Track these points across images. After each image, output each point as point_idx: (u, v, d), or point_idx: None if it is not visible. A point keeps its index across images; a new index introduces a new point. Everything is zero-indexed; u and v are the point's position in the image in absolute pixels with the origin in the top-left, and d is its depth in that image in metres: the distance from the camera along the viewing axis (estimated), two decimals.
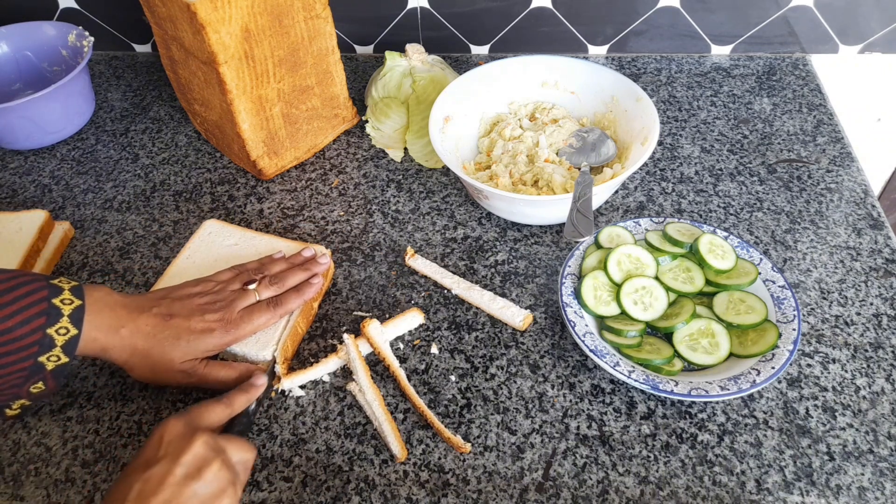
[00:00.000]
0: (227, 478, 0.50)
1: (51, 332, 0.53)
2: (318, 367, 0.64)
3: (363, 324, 0.65)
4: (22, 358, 0.52)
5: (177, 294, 0.62)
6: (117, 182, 0.87)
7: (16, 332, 0.51)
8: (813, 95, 0.92)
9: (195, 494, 0.48)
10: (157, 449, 0.49)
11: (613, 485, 0.56)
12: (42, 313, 0.52)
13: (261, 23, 0.73)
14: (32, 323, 0.52)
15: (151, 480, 0.47)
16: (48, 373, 0.54)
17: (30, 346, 0.52)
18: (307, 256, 0.69)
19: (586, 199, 0.67)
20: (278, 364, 0.63)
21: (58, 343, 0.53)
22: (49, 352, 0.53)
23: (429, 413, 0.60)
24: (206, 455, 0.50)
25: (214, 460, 0.50)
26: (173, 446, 0.49)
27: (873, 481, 0.55)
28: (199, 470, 0.49)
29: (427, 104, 0.84)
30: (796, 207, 0.77)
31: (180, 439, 0.50)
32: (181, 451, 0.49)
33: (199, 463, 0.49)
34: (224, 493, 0.49)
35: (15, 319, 0.51)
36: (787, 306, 0.62)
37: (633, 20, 0.96)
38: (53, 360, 0.53)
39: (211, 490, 0.49)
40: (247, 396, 0.58)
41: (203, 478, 0.48)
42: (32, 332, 0.52)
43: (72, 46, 0.95)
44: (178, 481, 0.48)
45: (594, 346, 0.60)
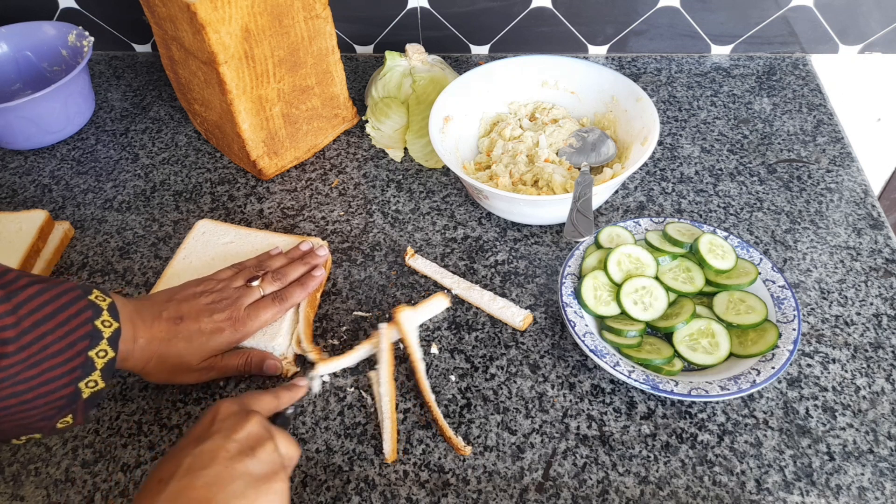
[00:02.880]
0: (279, 461, 0.48)
1: (92, 354, 0.50)
2: (351, 355, 0.64)
3: (395, 310, 0.65)
4: (63, 384, 0.48)
5: (182, 295, 0.62)
6: (117, 182, 0.87)
7: (63, 355, 0.48)
8: (813, 95, 0.92)
9: (248, 472, 0.45)
10: (209, 426, 0.47)
11: (613, 485, 0.56)
12: (86, 336, 0.49)
13: (261, 23, 0.73)
14: (77, 346, 0.49)
15: (203, 454, 0.45)
16: (82, 402, 0.51)
17: (73, 371, 0.49)
18: (305, 249, 0.70)
19: (586, 199, 0.67)
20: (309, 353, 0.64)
21: (97, 366, 0.50)
22: (89, 376, 0.50)
23: (435, 409, 0.60)
24: (260, 434, 0.48)
25: (269, 441, 0.48)
26: (228, 423, 0.47)
27: (873, 481, 0.55)
28: (252, 448, 0.46)
29: (427, 104, 0.84)
30: (796, 207, 0.77)
31: (235, 417, 0.48)
32: (235, 428, 0.47)
33: (253, 441, 0.47)
34: (276, 476, 0.46)
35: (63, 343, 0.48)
36: (787, 306, 0.62)
37: (633, 20, 0.96)
38: (91, 387, 0.50)
39: (263, 470, 0.46)
40: (290, 394, 0.57)
41: (257, 456, 0.46)
42: (77, 356, 0.49)
43: (72, 46, 0.95)
44: (231, 456, 0.45)
45: (594, 346, 0.60)
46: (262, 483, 0.45)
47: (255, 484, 0.45)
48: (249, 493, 0.44)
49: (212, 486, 0.43)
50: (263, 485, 0.45)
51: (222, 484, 0.44)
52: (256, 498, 0.44)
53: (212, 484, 0.43)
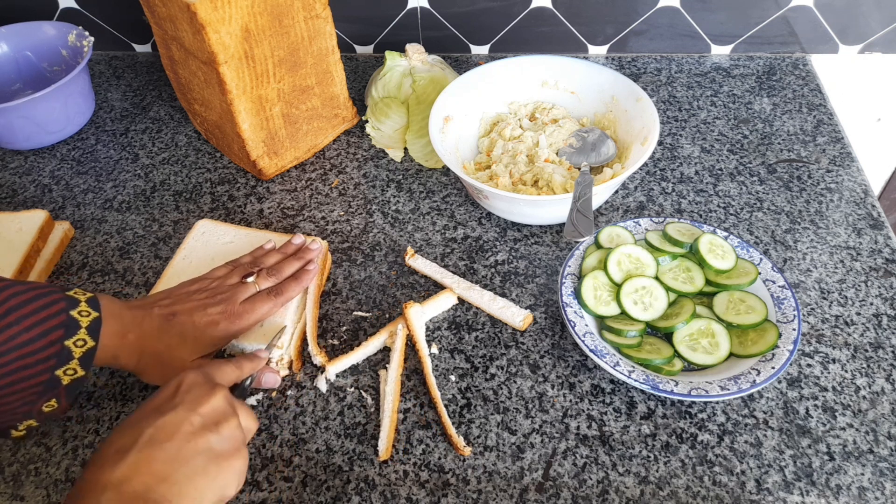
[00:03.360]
0: (241, 438, 0.48)
1: (68, 344, 0.51)
2: (358, 352, 0.64)
3: (405, 305, 0.65)
4: (38, 372, 0.50)
5: (177, 293, 0.62)
6: (117, 182, 0.87)
7: (35, 344, 0.49)
8: (813, 95, 0.92)
9: (210, 448, 0.45)
10: (172, 396, 0.47)
11: (613, 485, 0.56)
12: (61, 325, 0.51)
13: (261, 23, 0.73)
14: (51, 335, 0.50)
15: (166, 427, 0.44)
16: (63, 388, 0.52)
17: (48, 360, 0.50)
18: (298, 244, 0.70)
19: (586, 199, 0.67)
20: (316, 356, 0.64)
21: (75, 355, 0.51)
22: (66, 365, 0.51)
23: (441, 405, 0.60)
24: (224, 410, 0.48)
25: (232, 417, 0.48)
26: (192, 395, 0.47)
27: (873, 481, 0.55)
28: (216, 423, 0.46)
29: (427, 104, 0.84)
30: (796, 207, 0.77)
31: (199, 389, 0.48)
32: (200, 401, 0.47)
33: (218, 416, 0.47)
34: (238, 453, 0.47)
35: (34, 332, 0.49)
36: (787, 306, 0.62)
37: (633, 20, 0.96)
38: (70, 374, 0.52)
39: (225, 447, 0.46)
40: (252, 364, 0.58)
41: (219, 432, 0.46)
42: (51, 345, 0.50)
43: (72, 46, 0.95)
44: (194, 431, 0.45)
45: (594, 346, 0.60)
46: (223, 460, 0.45)
47: (216, 460, 0.45)
48: (210, 469, 0.44)
49: (173, 461, 0.43)
50: (225, 461, 0.45)
51: (184, 459, 0.44)
52: (217, 475, 0.45)
53: (173, 459, 0.43)
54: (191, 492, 0.43)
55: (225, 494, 0.46)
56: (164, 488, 0.42)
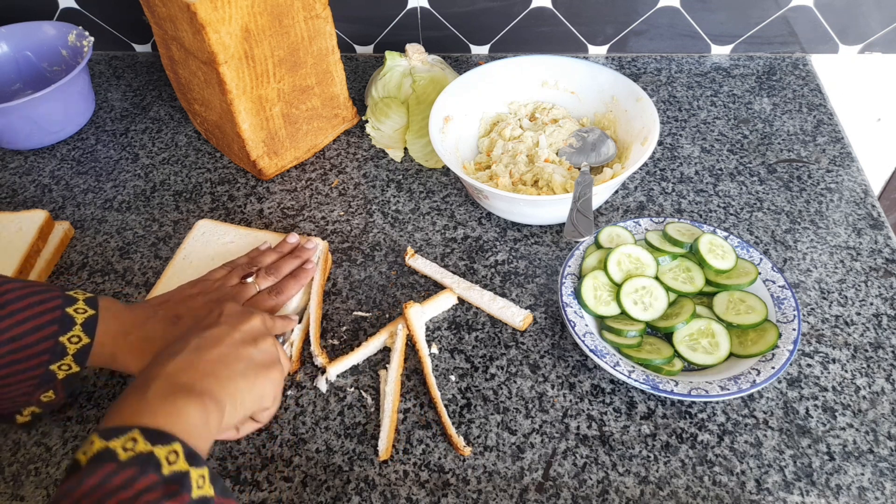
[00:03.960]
0: (277, 355, 0.53)
1: (63, 340, 0.52)
2: (359, 352, 0.65)
3: (405, 305, 0.65)
4: (32, 366, 0.51)
5: (177, 297, 0.62)
6: (117, 182, 0.87)
7: (27, 338, 0.51)
8: (813, 95, 0.92)
9: (250, 357, 0.50)
10: (216, 318, 0.52)
11: (613, 485, 0.56)
12: (54, 321, 0.52)
13: (261, 23, 0.73)
14: (44, 330, 0.51)
15: (210, 337, 0.49)
16: (58, 382, 0.53)
17: (41, 354, 0.51)
18: (293, 243, 0.71)
19: (586, 199, 0.67)
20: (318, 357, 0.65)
21: (69, 351, 0.52)
22: (60, 360, 0.52)
23: (441, 405, 0.60)
24: (262, 328, 0.53)
25: (269, 336, 0.53)
26: (233, 318, 0.52)
27: (873, 481, 0.55)
28: (254, 339, 0.51)
29: (427, 104, 0.84)
30: (796, 207, 0.77)
31: (239, 314, 0.53)
32: (241, 320, 0.52)
33: (256, 333, 0.52)
34: (275, 366, 0.51)
35: (26, 326, 0.51)
36: (787, 306, 0.62)
37: (633, 20, 0.96)
38: (64, 370, 0.53)
39: (264, 359, 0.50)
40: (283, 323, 0.61)
41: (258, 346, 0.51)
42: (44, 340, 0.51)
43: (72, 46, 0.95)
44: (236, 342, 0.50)
45: (594, 346, 0.60)
46: (261, 369, 0.50)
47: (255, 368, 0.49)
48: (250, 374, 0.49)
49: (217, 362, 0.47)
50: (263, 371, 0.50)
51: (227, 362, 0.48)
52: (256, 380, 0.49)
53: (217, 361, 0.48)
54: (233, 390, 0.47)
55: (263, 404, 0.51)
56: (209, 381, 0.46)
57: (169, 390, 0.43)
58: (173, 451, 0.39)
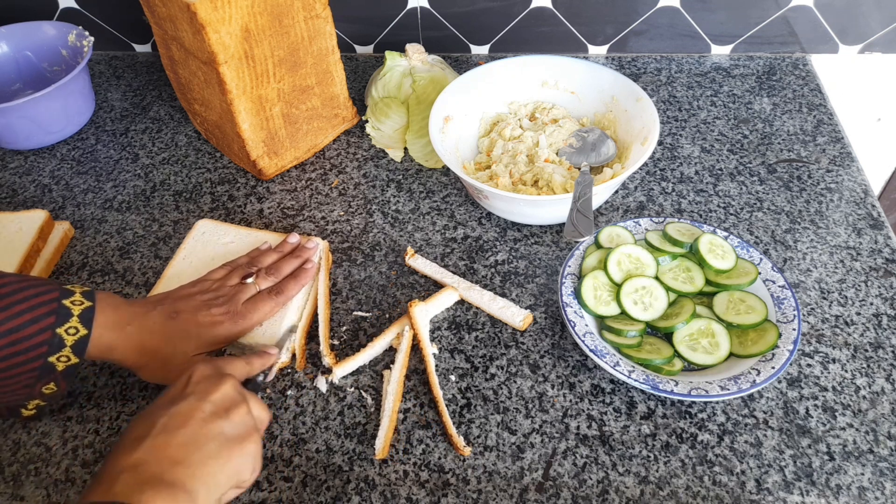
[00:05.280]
0: (252, 424, 0.49)
1: (60, 331, 0.52)
2: (365, 353, 0.64)
3: (410, 304, 0.66)
4: (31, 358, 0.51)
5: (177, 294, 0.62)
6: (117, 182, 0.87)
7: (24, 331, 0.51)
8: (813, 95, 0.92)
9: (221, 433, 0.46)
10: (184, 387, 0.49)
11: (613, 485, 0.56)
12: (51, 313, 0.52)
13: (261, 23, 0.73)
14: (41, 322, 0.51)
15: (178, 415, 0.46)
16: (59, 374, 0.53)
17: (39, 346, 0.51)
18: (293, 243, 0.71)
19: (586, 199, 0.67)
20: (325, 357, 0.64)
21: (67, 343, 0.52)
22: (59, 352, 0.52)
23: (442, 404, 0.60)
24: (234, 397, 0.49)
25: (242, 404, 0.49)
26: (202, 386, 0.49)
27: (873, 481, 0.55)
28: (226, 410, 0.48)
29: (427, 104, 0.84)
30: (796, 207, 0.77)
31: (209, 380, 0.49)
32: (210, 390, 0.48)
33: (228, 403, 0.48)
34: (249, 438, 0.48)
35: (23, 318, 0.51)
36: (787, 306, 0.62)
37: (633, 20, 0.96)
38: (63, 361, 0.53)
39: (237, 432, 0.47)
40: (262, 361, 0.59)
41: (230, 418, 0.48)
42: (41, 332, 0.51)
43: (72, 46, 0.95)
44: (206, 417, 0.47)
45: (594, 346, 0.60)
46: (235, 444, 0.47)
47: (228, 444, 0.46)
48: (223, 453, 0.46)
49: (187, 445, 0.45)
50: (236, 446, 0.47)
51: (197, 444, 0.45)
52: (230, 458, 0.46)
53: (187, 444, 0.45)
54: (204, 475, 0.44)
55: (241, 479, 0.47)
56: (179, 471, 0.43)
57: (136, 485, 0.42)
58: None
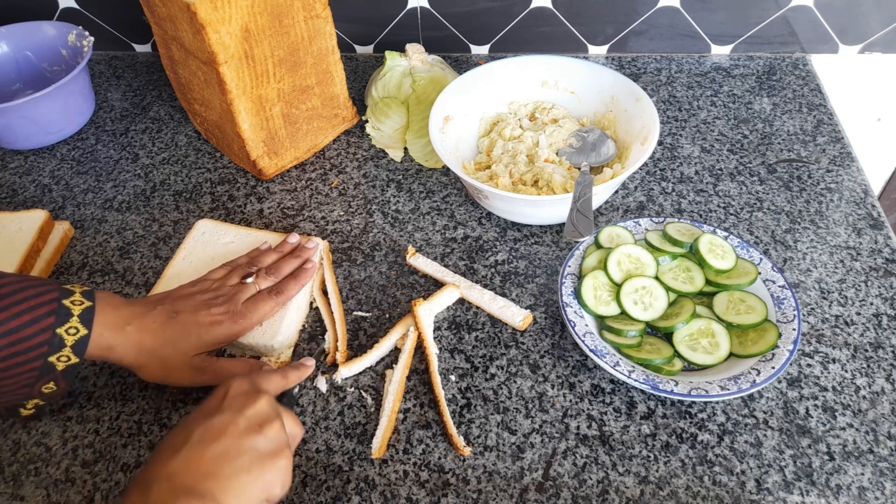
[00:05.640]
0: (285, 440, 0.50)
1: (60, 331, 0.52)
2: (371, 355, 0.64)
3: (414, 304, 0.66)
4: (31, 358, 0.51)
5: (177, 294, 0.62)
6: (117, 182, 0.87)
7: (24, 331, 0.51)
8: (813, 95, 0.92)
9: (254, 448, 0.48)
10: (220, 401, 0.50)
11: (613, 485, 0.56)
12: (51, 313, 0.52)
13: (261, 23, 0.73)
14: (41, 322, 0.51)
15: (213, 428, 0.47)
16: (59, 373, 0.53)
17: (39, 346, 0.51)
18: (293, 243, 0.71)
19: (586, 199, 0.67)
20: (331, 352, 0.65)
21: (68, 343, 0.52)
22: (59, 352, 0.52)
23: (444, 404, 0.60)
24: (269, 413, 0.50)
25: (276, 420, 0.50)
26: (238, 401, 0.50)
27: (873, 481, 0.55)
28: (260, 425, 0.49)
29: (427, 104, 0.84)
30: (796, 207, 0.77)
31: (245, 395, 0.51)
32: (245, 405, 0.50)
33: (262, 419, 0.49)
34: (282, 454, 0.49)
35: (23, 318, 0.51)
36: (787, 306, 0.62)
37: (633, 20, 0.96)
38: (64, 361, 0.53)
39: (270, 448, 0.48)
40: (298, 374, 0.59)
41: (264, 434, 0.49)
42: (42, 332, 0.51)
43: (72, 46, 0.95)
44: (240, 432, 0.48)
45: (594, 346, 0.60)
46: (267, 459, 0.48)
47: (260, 460, 0.47)
48: (255, 468, 0.47)
49: (220, 458, 0.46)
50: (269, 461, 0.48)
51: (230, 457, 0.46)
52: (262, 473, 0.47)
53: (220, 457, 0.46)
54: (235, 488, 0.45)
55: (271, 494, 0.48)
56: (211, 483, 0.45)
57: (170, 494, 0.43)
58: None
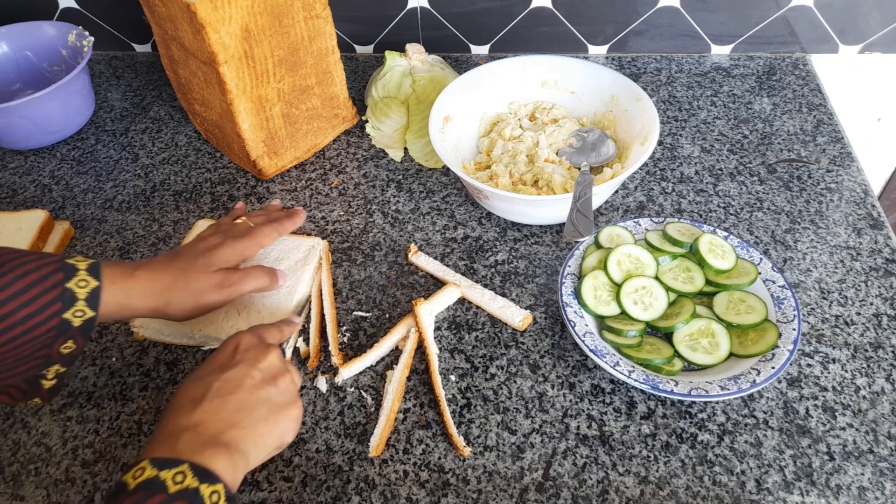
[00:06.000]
0: (295, 391, 0.53)
1: (70, 285, 0.52)
2: (370, 354, 0.65)
3: (415, 303, 0.66)
4: (47, 317, 0.50)
5: (173, 250, 0.64)
6: (117, 182, 0.87)
7: (35, 289, 0.50)
8: (813, 95, 0.92)
9: (269, 399, 0.50)
10: (232, 355, 0.52)
11: (613, 485, 0.56)
12: (58, 270, 0.52)
13: (261, 23, 0.73)
14: (50, 279, 0.51)
15: (230, 381, 0.50)
16: (76, 330, 0.52)
17: (52, 303, 0.51)
18: (278, 205, 0.74)
19: (586, 199, 0.67)
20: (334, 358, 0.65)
21: (80, 296, 0.52)
22: (73, 306, 0.52)
23: (444, 404, 0.60)
24: (279, 366, 0.53)
25: (286, 372, 0.53)
26: (250, 354, 0.52)
27: (873, 481, 0.55)
28: (274, 378, 0.52)
29: (427, 104, 0.84)
30: (796, 207, 0.77)
31: (256, 349, 0.53)
32: (258, 358, 0.52)
33: (275, 372, 0.52)
34: (294, 404, 0.52)
35: (31, 277, 0.50)
36: (787, 306, 0.62)
37: (633, 20, 0.96)
38: (79, 316, 0.52)
39: (283, 399, 0.51)
40: (290, 328, 0.61)
41: (277, 385, 0.52)
42: (53, 288, 0.51)
43: (72, 46, 0.95)
44: (255, 384, 0.50)
45: (594, 346, 0.60)
46: (281, 410, 0.51)
47: (276, 410, 0.51)
48: (271, 417, 0.50)
49: (240, 409, 0.49)
50: (283, 411, 0.51)
51: (248, 409, 0.49)
52: (277, 423, 0.50)
53: (240, 408, 0.49)
54: (255, 436, 0.48)
55: (284, 441, 0.52)
56: (234, 433, 0.47)
57: (198, 442, 0.45)
58: (216, 492, 0.42)
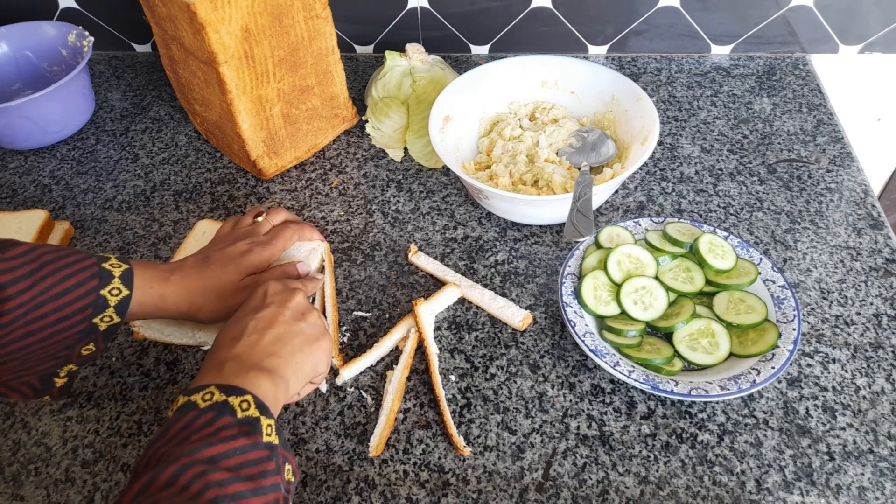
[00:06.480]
0: (324, 326, 0.57)
1: (104, 293, 0.54)
2: (371, 354, 0.65)
3: (415, 303, 0.66)
4: (77, 321, 0.53)
5: (201, 249, 0.66)
6: (117, 182, 0.87)
7: (70, 294, 0.52)
8: (813, 95, 0.92)
9: (302, 332, 0.55)
10: (263, 299, 0.56)
11: (613, 485, 0.56)
12: (94, 276, 0.54)
13: (261, 23, 0.73)
14: (86, 285, 0.53)
15: (265, 318, 0.54)
16: (100, 334, 0.55)
17: (84, 309, 0.53)
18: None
19: (586, 199, 0.67)
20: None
21: (111, 304, 0.55)
22: (103, 313, 0.54)
23: (444, 404, 0.60)
24: (306, 304, 0.58)
25: (313, 310, 0.58)
26: (279, 297, 0.57)
27: (873, 481, 0.55)
28: (303, 314, 0.56)
29: (427, 104, 0.84)
30: (796, 207, 0.77)
31: (283, 293, 0.57)
32: (287, 299, 0.57)
33: (303, 309, 0.57)
34: (324, 337, 0.56)
35: (69, 282, 0.53)
36: (787, 306, 0.62)
37: (633, 20, 0.96)
38: (106, 322, 0.55)
39: (314, 332, 0.56)
40: (313, 284, 0.65)
41: (307, 321, 0.56)
42: (87, 294, 0.53)
43: (72, 46, 0.95)
44: (287, 320, 0.55)
45: (594, 346, 0.60)
46: (314, 341, 0.55)
47: (308, 342, 0.55)
48: (306, 348, 0.54)
49: (276, 341, 0.53)
50: (315, 343, 0.55)
51: (285, 341, 0.53)
52: (311, 353, 0.55)
53: (276, 340, 0.53)
54: (293, 364, 0.53)
55: (318, 370, 0.56)
56: (273, 360, 0.51)
57: (241, 368, 0.49)
58: (245, 401, 0.46)
